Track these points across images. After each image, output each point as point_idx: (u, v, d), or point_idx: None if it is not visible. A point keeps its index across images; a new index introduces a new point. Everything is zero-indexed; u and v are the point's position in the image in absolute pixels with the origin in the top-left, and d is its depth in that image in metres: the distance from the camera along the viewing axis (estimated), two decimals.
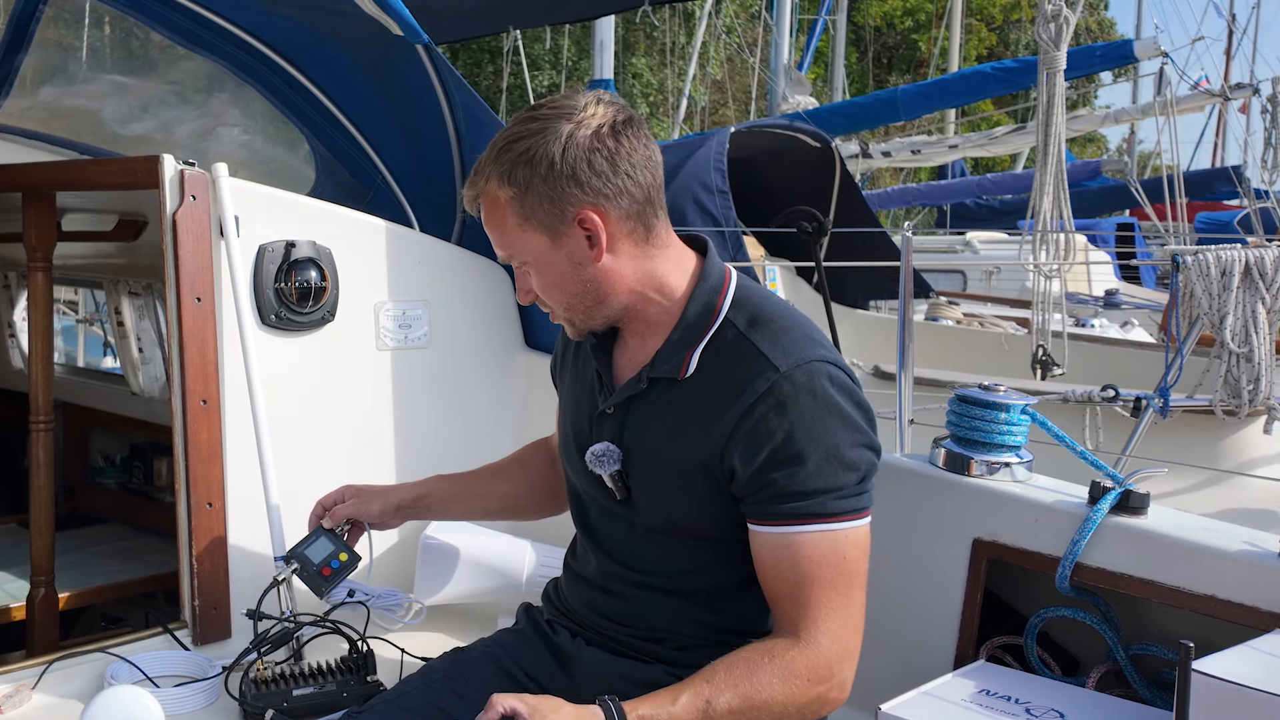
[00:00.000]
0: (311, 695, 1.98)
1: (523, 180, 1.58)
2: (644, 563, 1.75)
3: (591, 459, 1.71)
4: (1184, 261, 4.26)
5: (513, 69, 15.81)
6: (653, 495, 1.70)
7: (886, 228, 8.56)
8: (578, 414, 1.82)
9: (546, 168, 1.57)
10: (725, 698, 1.52)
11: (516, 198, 1.59)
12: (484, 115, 2.72)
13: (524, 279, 1.68)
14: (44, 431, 2.94)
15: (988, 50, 31.39)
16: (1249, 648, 1.56)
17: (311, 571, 2.01)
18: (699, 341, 1.66)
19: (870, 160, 14.21)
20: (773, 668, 1.55)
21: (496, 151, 1.61)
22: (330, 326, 2.52)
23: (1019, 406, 2.04)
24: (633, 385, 1.70)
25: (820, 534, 1.57)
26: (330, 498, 2.06)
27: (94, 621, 3.51)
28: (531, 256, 1.63)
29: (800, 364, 1.59)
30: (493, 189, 1.61)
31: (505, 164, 1.59)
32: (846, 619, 1.59)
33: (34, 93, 3.42)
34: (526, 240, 1.62)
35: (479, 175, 1.63)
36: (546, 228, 1.60)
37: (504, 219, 1.62)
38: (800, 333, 1.64)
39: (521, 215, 1.60)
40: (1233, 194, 15.15)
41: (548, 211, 1.59)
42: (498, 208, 1.62)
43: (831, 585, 1.58)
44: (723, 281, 1.70)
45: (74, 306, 7.78)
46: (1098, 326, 7.80)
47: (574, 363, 1.88)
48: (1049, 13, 5.05)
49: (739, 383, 1.60)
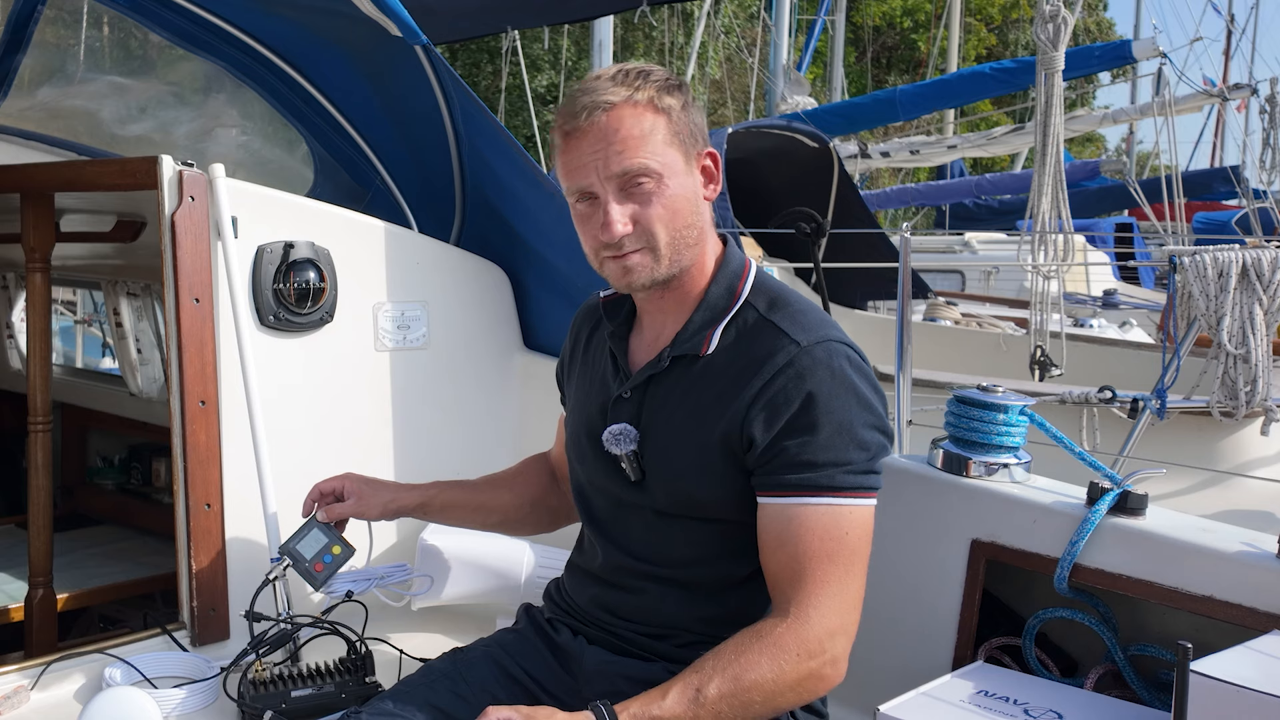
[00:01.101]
0: (310, 696, 1.98)
1: (679, 102, 1.67)
2: (653, 553, 1.75)
3: (609, 438, 1.74)
4: (1181, 262, 4.26)
5: (511, 69, 15.80)
6: (669, 474, 1.71)
7: (885, 228, 8.57)
8: (588, 406, 1.84)
9: (690, 100, 1.69)
10: (715, 683, 1.53)
11: (673, 112, 1.65)
12: (482, 116, 2.72)
13: (629, 201, 1.65)
14: (42, 432, 2.94)
15: (987, 50, 31.40)
16: (1247, 648, 1.56)
17: (305, 566, 2.00)
18: (720, 321, 1.71)
19: (869, 160, 14.23)
20: (760, 646, 1.55)
21: (638, 74, 1.66)
22: (329, 327, 2.52)
23: (1017, 407, 2.04)
24: (654, 365, 1.73)
25: (824, 507, 1.59)
26: (329, 485, 2.04)
27: (92, 622, 3.51)
28: (668, 172, 1.64)
29: (819, 341, 1.64)
30: (650, 99, 1.64)
31: (658, 82, 1.66)
32: (843, 595, 1.59)
33: (32, 93, 3.42)
34: (669, 155, 1.65)
35: (624, 86, 1.64)
36: (684, 151, 1.67)
37: (655, 128, 1.64)
38: (817, 316, 1.70)
39: (671, 131, 1.65)
40: (1231, 194, 15.17)
41: (688, 137, 1.68)
42: (651, 115, 1.64)
43: (830, 560, 1.59)
44: (743, 267, 1.76)
45: (72, 307, 7.79)
46: (1096, 327, 7.81)
47: (583, 362, 1.91)
48: (1047, 13, 5.06)
49: (760, 356, 1.65)
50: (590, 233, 1.68)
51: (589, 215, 1.67)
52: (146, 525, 3.75)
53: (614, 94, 1.63)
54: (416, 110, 2.82)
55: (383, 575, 2.13)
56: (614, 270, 1.69)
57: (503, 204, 2.83)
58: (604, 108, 1.62)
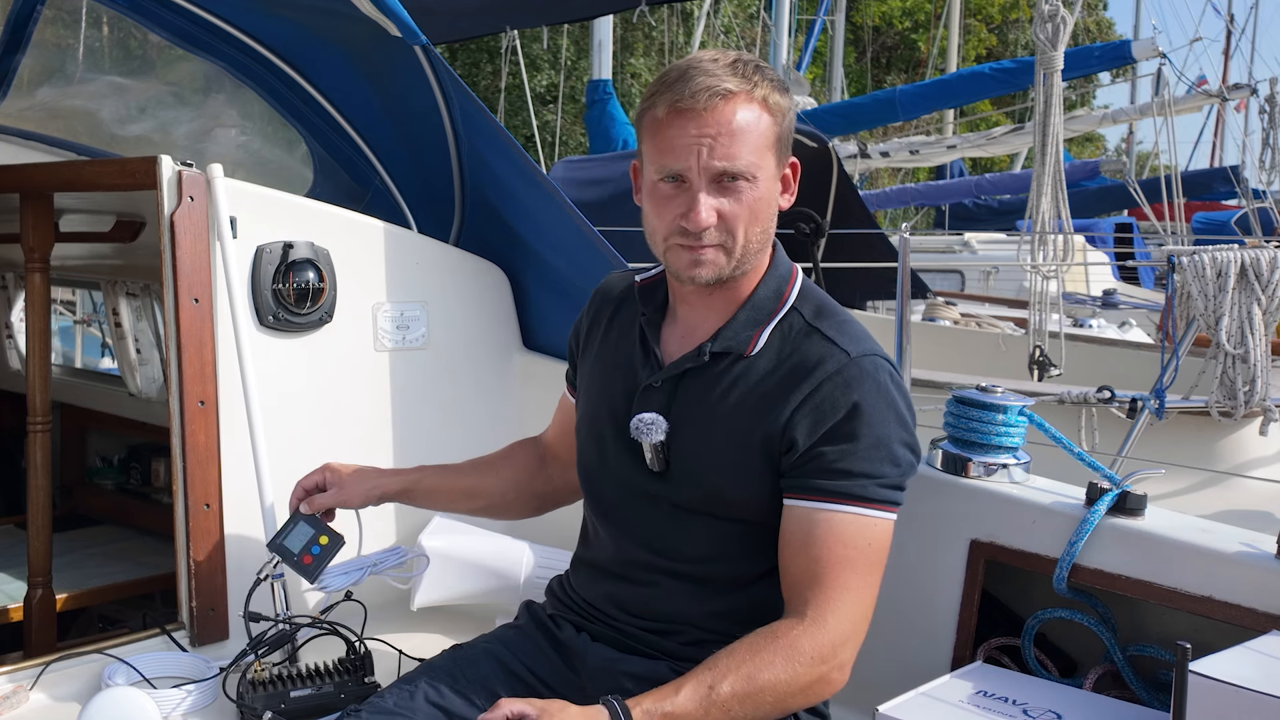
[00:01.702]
0: (309, 696, 1.98)
1: (787, 103, 1.67)
2: (669, 546, 1.74)
3: (638, 426, 1.72)
4: (1180, 262, 4.27)
5: (511, 69, 15.80)
6: (698, 469, 1.70)
7: (885, 228, 8.57)
8: (611, 390, 1.81)
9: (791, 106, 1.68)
10: (728, 682, 1.53)
11: (783, 115, 1.66)
12: (481, 116, 2.72)
13: (720, 197, 1.62)
14: (41, 432, 2.93)
15: (986, 50, 31.41)
16: (1245, 649, 1.56)
17: (294, 560, 1.99)
18: (768, 322, 1.71)
19: (869, 160, 14.24)
20: (775, 648, 1.56)
21: (754, 67, 1.64)
22: (328, 327, 2.52)
23: (1016, 408, 2.04)
24: (692, 358, 1.72)
25: (854, 516, 1.61)
26: (310, 480, 2.03)
27: (91, 623, 3.50)
28: (763, 176, 1.64)
29: (866, 354, 1.66)
30: (767, 98, 1.63)
31: (773, 80, 1.65)
32: (859, 604, 1.61)
33: (32, 93, 3.42)
34: (767, 158, 1.64)
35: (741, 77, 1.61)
36: (778, 156, 1.67)
37: (766, 130, 1.63)
38: (860, 328, 1.72)
39: (777, 134, 1.65)
40: (1231, 194, 15.18)
41: (785, 144, 1.68)
42: (764, 114, 1.62)
43: (852, 568, 1.60)
44: (791, 273, 1.77)
45: (71, 307, 7.79)
46: (1095, 327, 7.82)
47: (603, 341, 1.88)
48: (1046, 13, 5.06)
49: (810, 362, 1.66)
50: (669, 215, 1.64)
51: (672, 197, 1.63)
52: (146, 525, 3.75)
53: (733, 82, 1.59)
54: (416, 110, 2.81)
55: (376, 562, 2.10)
56: (683, 259, 1.66)
57: (502, 204, 2.83)
58: (723, 94, 1.58)
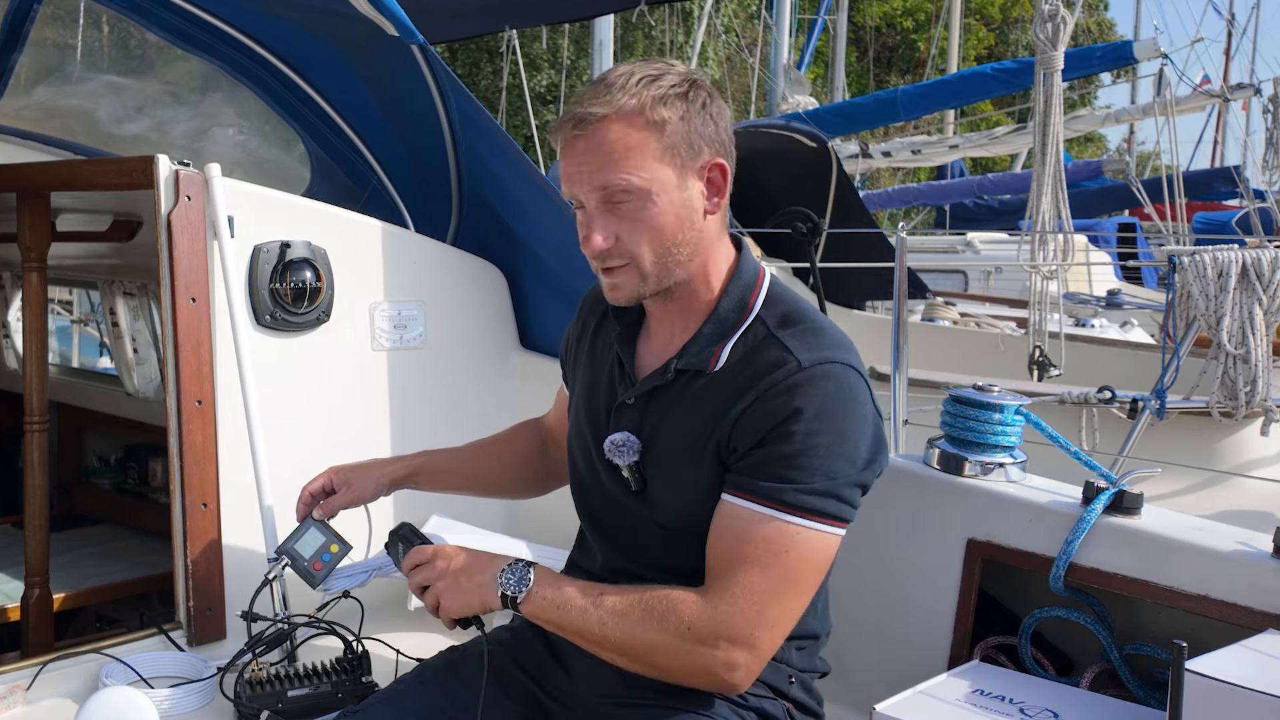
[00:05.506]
0: (306, 696, 1.98)
1: (677, 112, 1.58)
2: (655, 560, 1.73)
3: (610, 448, 1.70)
4: (1181, 262, 4.27)
5: (511, 69, 15.80)
6: (669, 489, 1.68)
7: (886, 228, 8.57)
8: (593, 405, 1.80)
9: (699, 107, 1.60)
10: (615, 598, 1.56)
11: (667, 125, 1.57)
12: (479, 116, 2.72)
13: (612, 216, 1.60)
14: (38, 432, 2.93)
15: (987, 50, 31.41)
16: (1242, 647, 1.56)
17: (303, 566, 2.01)
18: (730, 336, 1.66)
19: (870, 160, 14.21)
20: (668, 600, 1.55)
21: (641, 80, 1.58)
22: (325, 327, 2.52)
23: (1013, 407, 2.04)
24: (658, 376, 1.69)
25: (771, 520, 1.55)
26: (315, 484, 2.04)
27: (88, 622, 3.50)
28: (655, 189, 1.58)
29: (822, 362, 1.58)
30: (642, 110, 1.56)
31: (660, 91, 1.57)
32: (762, 610, 1.54)
33: (29, 92, 3.42)
34: (657, 171, 1.58)
35: (622, 92, 1.56)
36: (678, 166, 1.59)
37: (644, 144, 1.56)
38: (830, 337, 1.64)
39: (664, 145, 1.57)
40: (1233, 194, 15.16)
41: (686, 150, 1.59)
42: (640, 130, 1.56)
43: (761, 571, 1.54)
44: (756, 279, 1.70)
45: (68, 307, 7.79)
46: (1097, 327, 7.82)
47: (589, 353, 1.87)
48: (1046, 13, 5.06)
49: (761, 372, 1.60)
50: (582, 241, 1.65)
51: (580, 224, 1.64)
52: (143, 525, 3.75)
53: (605, 105, 1.56)
54: (413, 110, 2.81)
55: (381, 565, 2.10)
56: (602, 283, 1.67)
57: (500, 204, 2.83)
58: (591, 120, 1.57)
